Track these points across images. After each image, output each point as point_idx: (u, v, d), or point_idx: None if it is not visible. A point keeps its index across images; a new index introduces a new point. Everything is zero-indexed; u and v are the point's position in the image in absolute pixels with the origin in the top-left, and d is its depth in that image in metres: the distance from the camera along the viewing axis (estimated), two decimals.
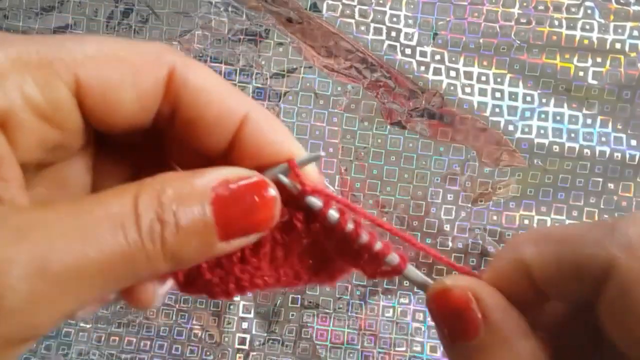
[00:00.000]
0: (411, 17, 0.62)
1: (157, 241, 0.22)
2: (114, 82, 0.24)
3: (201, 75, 0.26)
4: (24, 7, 0.62)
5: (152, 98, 0.25)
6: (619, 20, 0.61)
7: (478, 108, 0.61)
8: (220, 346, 0.60)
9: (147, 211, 0.22)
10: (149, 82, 0.25)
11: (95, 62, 0.24)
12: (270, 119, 0.27)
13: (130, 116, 0.25)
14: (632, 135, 0.60)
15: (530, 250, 0.24)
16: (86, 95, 0.24)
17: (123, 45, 0.25)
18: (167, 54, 0.26)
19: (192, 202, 0.23)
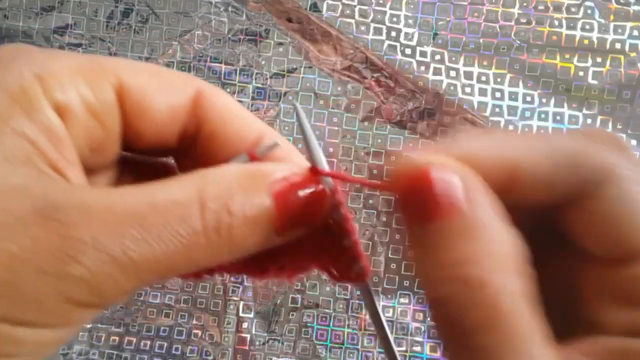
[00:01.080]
0: (411, 17, 0.62)
1: (222, 232, 0.23)
2: (151, 89, 0.26)
3: (224, 97, 0.29)
4: (24, 7, 0.62)
5: (181, 111, 0.27)
6: (619, 20, 0.61)
7: (478, 108, 0.61)
8: (220, 346, 0.60)
9: (214, 202, 0.22)
10: (180, 96, 0.27)
11: (135, 71, 0.26)
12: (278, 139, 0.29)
13: (161, 125, 0.27)
14: (632, 135, 0.60)
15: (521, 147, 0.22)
16: (126, 98, 0.26)
17: (157, 66, 0.28)
18: (195, 78, 0.28)
19: (257, 194, 0.23)
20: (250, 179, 0.24)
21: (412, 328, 0.60)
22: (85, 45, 0.62)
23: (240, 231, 0.23)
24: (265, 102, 0.62)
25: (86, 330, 0.61)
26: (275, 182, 0.24)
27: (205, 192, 0.23)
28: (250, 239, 0.24)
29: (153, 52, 0.62)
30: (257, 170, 0.25)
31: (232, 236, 0.23)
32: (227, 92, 0.30)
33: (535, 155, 0.22)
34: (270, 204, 0.24)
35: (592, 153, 0.22)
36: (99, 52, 0.62)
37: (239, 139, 0.28)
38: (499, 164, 0.22)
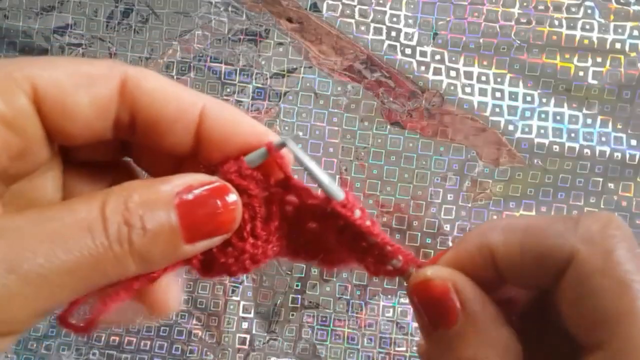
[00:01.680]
0: (411, 17, 0.62)
1: (124, 243, 0.23)
2: (68, 88, 0.25)
3: (154, 78, 0.27)
4: (24, 7, 0.62)
5: (107, 104, 0.26)
6: (619, 20, 0.61)
7: (478, 108, 0.61)
8: (220, 346, 0.60)
9: (114, 215, 0.23)
10: (103, 87, 0.26)
11: (50, 71, 0.25)
12: (228, 107, 0.28)
13: (87, 123, 0.26)
14: (632, 135, 0.60)
15: (496, 237, 0.26)
16: (43, 102, 0.25)
17: (76, 59, 0.27)
18: (120, 64, 0.27)
19: (157, 207, 0.24)
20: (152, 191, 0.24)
21: (412, 328, 0.60)
22: (85, 45, 0.62)
23: (141, 243, 0.23)
24: (265, 102, 0.62)
25: None
26: (179, 193, 0.24)
27: (106, 207, 0.23)
28: (155, 251, 0.24)
29: (153, 52, 0.62)
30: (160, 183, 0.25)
31: (134, 248, 0.23)
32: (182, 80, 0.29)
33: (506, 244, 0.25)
34: (173, 216, 0.24)
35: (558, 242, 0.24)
36: (99, 52, 0.62)
37: (179, 120, 0.27)
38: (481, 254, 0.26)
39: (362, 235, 0.27)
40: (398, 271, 0.28)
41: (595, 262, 0.23)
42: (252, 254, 0.27)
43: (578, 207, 0.61)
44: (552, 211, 0.61)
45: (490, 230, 0.26)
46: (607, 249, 0.23)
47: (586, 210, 0.61)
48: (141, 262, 0.24)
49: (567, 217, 0.26)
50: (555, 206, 0.61)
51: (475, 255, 0.26)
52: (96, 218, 0.23)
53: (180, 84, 0.28)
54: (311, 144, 0.61)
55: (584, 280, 0.23)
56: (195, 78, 0.62)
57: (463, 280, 0.26)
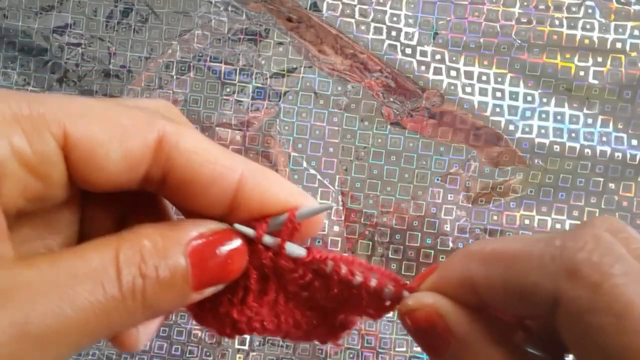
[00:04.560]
0: (411, 16, 0.61)
1: (138, 295, 0.23)
2: (101, 139, 0.24)
3: (193, 138, 0.26)
4: (23, 7, 0.62)
5: (139, 159, 0.25)
6: (619, 19, 0.60)
7: (479, 108, 0.61)
8: (220, 346, 0.60)
9: (128, 266, 0.22)
10: (136, 143, 0.25)
11: (84, 118, 0.24)
12: (268, 174, 0.27)
13: (115, 175, 0.25)
14: (633, 134, 0.60)
15: (478, 270, 0.25)
16: (72, 150, 0.24)
17: (113, 107, 0.25)
18: (159, 118, 0.26)
19: (171, 255, 0.24)
20: (165, 239, 0.24)
21: None
22: (85, 44, 0.62)
23: (154, 293, 0.23)
24: (265, 102, 0.62)
25: None
26: (191, 240, 0.24)
27: (119, 256, 0.23)
28: (164, 300, 0.24)
29: (153, 52, 0.62)
30: (172, 229, 0.24)
31: (146, 299, 0.23)
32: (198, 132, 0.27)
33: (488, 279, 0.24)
34: (185, 264, 0.24)
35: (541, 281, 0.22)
36: (98, 51, 0.62)
37: (216, 186, 0.26)
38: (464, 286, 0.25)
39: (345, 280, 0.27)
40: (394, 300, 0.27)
41: (584, 300, 0.21)
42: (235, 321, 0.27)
43: (578, 207, 0.60)
44: (552, 211, 0.60)
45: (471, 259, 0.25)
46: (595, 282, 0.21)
47: (587, 211, 0.61)
48: (149, 312, 0.24)
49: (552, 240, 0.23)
50: (556, 206, 0.61)
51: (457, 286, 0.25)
52: (109, 269, 0.22)
53: (220, 146, 0.27)
54: (311, 144, 0.61)
55: (576, 320, 0.21)
56: (195, 78, 0.62)
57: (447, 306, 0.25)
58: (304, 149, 0.61)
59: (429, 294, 0.26)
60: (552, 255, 0.22)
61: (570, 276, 0.21)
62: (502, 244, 0.25)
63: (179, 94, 0.62)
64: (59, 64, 0.62)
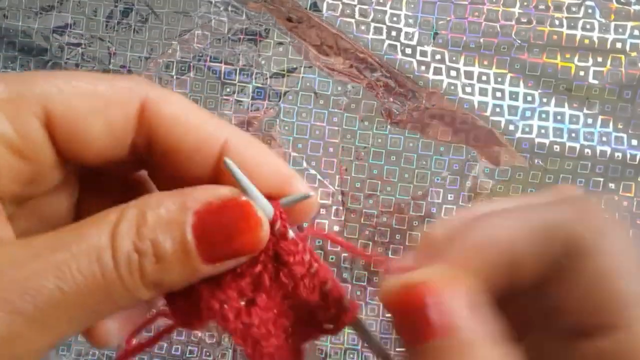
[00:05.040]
0: (411, 16, 0.61)
1: (135, 272, 0.22)
2: (83, 113, 0.24)
3: (176, 104, 0.25)
4: (23, 7, 0.62)
5: (123, 129, 0.25)
6: (619, 19, 0.60)
7: (479, 108, 0.61)
8: (220, 346, 0.60)
9: (124, 241, 0.21)
10: (119, 113, 0.24)
11: (64, 94, 0.23)
12: (253, 143, 0.26)
13: (101, 148, 0.25)
14: (633, 134, 0.60)
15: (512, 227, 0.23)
16: (56, 127, 0.23)
17: (94, 79, 0.25)
18: (140, 86, 0.25)
19: (172, 228, 0.22)
20: (170, 209, 0.22)
21: None
22: (85, 44, 0.62)
23: (153, 270, 0.22)
24: (265, 102, 0.62)
25: None
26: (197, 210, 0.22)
27: (116, 231, 0.22)
28: (168, 275, 0.22)
29: (153, 52, 0.62)
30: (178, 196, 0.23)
31: (145, 275, 0.22)
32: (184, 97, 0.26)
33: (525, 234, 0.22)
34: (189, 237, 0.22)
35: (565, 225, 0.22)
36: (98, 51, 0.62)
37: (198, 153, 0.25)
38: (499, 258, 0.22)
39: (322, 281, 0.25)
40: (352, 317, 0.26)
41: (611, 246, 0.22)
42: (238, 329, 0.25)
43: None
44: None
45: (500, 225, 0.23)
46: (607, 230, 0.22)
47: None
48: (155, 288, 0.22)
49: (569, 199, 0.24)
50: None
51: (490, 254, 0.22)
52: (105, 245, 0.21)
53: (205, 111, 0.26)
54: (311, 144, 0.61)
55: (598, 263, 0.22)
56: (195, 78, 0.62)
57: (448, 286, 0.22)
58: (304, 149, 0.61)
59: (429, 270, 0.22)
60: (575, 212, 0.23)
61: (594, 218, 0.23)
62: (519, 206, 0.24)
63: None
64: (59, 64, 0.62)
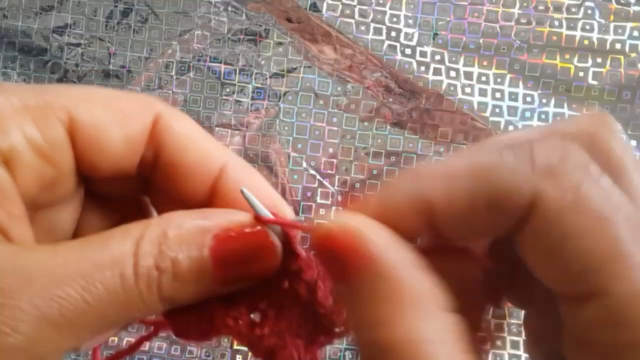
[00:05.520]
0: (411, 17, 0.62)
1: (153, 288, 0.23)
2: (104, 122, 0.25)
3: (185, 124, 0.27)
4: (23, 7, 0.62)
5: (138, 141, 0.26)
6: (619, 20, 0.61)
7: (478, 108, 0.61)
8: (220, 347, 0.60)
9: (146, 257, 0.23)
10: (136, 126, 0.26)
11: (87, 103, 0.25)
12: (250, 170, 0.28)
13: (118, 158, 0.26)
14: (632, 135, 0.60)
15: (436, 187, 0.21)
16: (78, 134, 0.25)
17: (113, 92, 0.27)
18: (155, 102, 0.27)
19: (192, 248, 0.23)
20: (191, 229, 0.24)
21: None
22: (85, 44, 0.62)
23: (170, 287, 0.23)
24: (265, 102, 0.62)
25: None
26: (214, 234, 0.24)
27: (139, 247, 0.23)
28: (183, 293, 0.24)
29: (152, 52, 0.62)
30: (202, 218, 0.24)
31: (162, 291, 0.23)
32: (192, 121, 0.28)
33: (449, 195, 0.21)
34: (206, 257, 0.23)
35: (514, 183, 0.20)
36: (98, 51, 0.62)
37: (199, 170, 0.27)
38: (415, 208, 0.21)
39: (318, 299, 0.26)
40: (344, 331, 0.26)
41: (565, 200, 0.19)
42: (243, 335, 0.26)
43: None
44: None
45: (426, 179, 0.22)
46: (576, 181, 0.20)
47: None
48: (169, 303, 0.24)
49: (516, 148, 0.21)
50: None
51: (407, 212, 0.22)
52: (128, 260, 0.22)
53: (210, 135, 0.28)
54: (311, 144, 0.61)
55: (554, 224, 0.19)
56: (195, 78, 0.62)
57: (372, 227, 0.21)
58: (304, 149, 0.61)
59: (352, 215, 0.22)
60: (523, 159, 0.20)
61: (548, 177, 0.20)
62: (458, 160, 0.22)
63: (179, 94, 0.62)
64: (58, 64, 0.62)
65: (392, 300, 0.20)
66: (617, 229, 0.19)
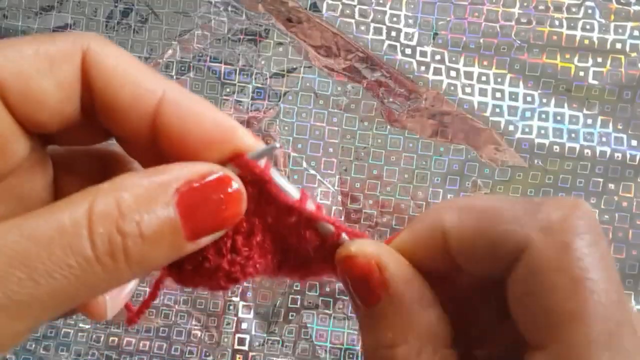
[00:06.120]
0: (411, 16, 0.62)
1: (118, 255, 0.21)
2: (32, 74, 0.23)
3: (115, 57, 0.24)
4: (23, 7, 0.62)
5: (72, 84, 0.24)
6: (619, 20, 0.61)
7: (478, 108, 0.61)
8: (220, 347, 0.60)
9: (102, 223, 0.21)
10: (65, 69, 0.24)
11: (11, 61, 0.23)
12: (191, 97, 0.25)
13: (56, 108, 0.24)
14: (632, 135, 0.60)
15: (450, 217, 0.24)
16: (8, 94, 0.23)
17: (37, 41, 0.24)
18: (82, 37, 0.24)
19: (156, 207, 0.22)
20: (149, 188, 0.22)
21: None
22: None
23: (139, 251, 0.21)
24: (265, 102, 0.62)
25: (84, 331, 0.60)
26: (179, 187, 0.22)
27: (93, 213, 0.21)
28: (154, 256, 0.22)
29: (152, 52, 0.62)
30: (156, 177, 0.22)
31: (130, 257, 0.21)
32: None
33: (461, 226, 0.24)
34: (173, 214, 0.22)
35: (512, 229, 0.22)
36: None
37: (133, 107, 0.24)
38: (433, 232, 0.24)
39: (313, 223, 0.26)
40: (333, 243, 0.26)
41: (549, 255, 0.21)
42: (228, 272, 0.25)
43: None
44: None
45: (446, 209, 0.25)
46: (565, 241, 0.21)
47: None
48: (139, 269, 0.22)
49: (530, 201, 0.23)
50: None
51: (428, 236, 0.25)
52: (81, 227, 0.20)
53: (144, 65, 0.25)
54: (311, 144, 0.61)
55: (535, 274, 0.21)
56: (195, 78, 0.62)
57: (390, 257, 0.25)
58: (304, 149, 0.61)
59: (373, 242, 0.25)
60: (531, 208, 0.22)
61: (542, 229, 0.21)
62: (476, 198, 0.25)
63: None
64: None
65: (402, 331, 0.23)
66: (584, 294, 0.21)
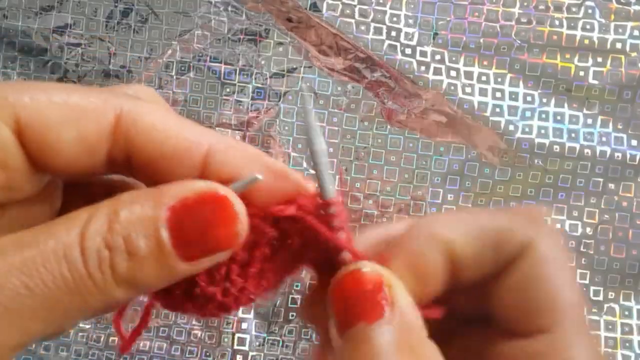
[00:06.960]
0: (411, 16, 0.61)
1: (106, 270, 0.21)
2: (54, 122, 0.23)
3: (152, 114, 0.25)
4: (23, 7, 0.62)
5: (96, 141, 0.24)
6: (619, 20, 0.60)
7: (478, 108, 0.61)
8: (220, 347, 0.60)
9: (94, 238, 0.21)
10: (91, 124, 0.24)
11: (36, 104, 0.23)
12: (237, 146, 0.25)
13: (72, 159, 0.24)
14: (632, 135, 0.60)
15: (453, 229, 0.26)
16: (27, 136, 0.23)
17: (68, 90, 0.24)
18: (115, 98, 0.24)
19: (145, 224, 0.22)
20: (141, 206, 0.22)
21: None
22: (85, 45, 0.62)
23: (127, 267, 0.21)
24: (265, 102, 0.62)
25: (84, 331, 0.60)
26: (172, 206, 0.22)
27: (87, 229, 0.21)
28: (143, 273, 0.22)
29: (152, 52, 0.62)
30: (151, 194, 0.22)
31: (118, 274, 0.21)
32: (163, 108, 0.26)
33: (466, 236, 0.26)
34: (163, 234, 0.22)
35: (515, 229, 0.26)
36: (98, 51, 0.62)
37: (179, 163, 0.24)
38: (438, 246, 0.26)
39: None
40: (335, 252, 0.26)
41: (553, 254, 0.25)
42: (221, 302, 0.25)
43: (578, 207, 0.60)
44: (552, 212, 0.60)
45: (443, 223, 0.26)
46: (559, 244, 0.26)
47: (587, 211, 0.60)
48: (129, 288, 0.22)
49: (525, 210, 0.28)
50: (556, 206, 0.60)
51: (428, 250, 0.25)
52: (74, 242, 0.21)
53: (184, 119, 0.25)
54: None
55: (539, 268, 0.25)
56: (195, 78, 0.62)
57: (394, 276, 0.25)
58: (304, 149, 0.61)
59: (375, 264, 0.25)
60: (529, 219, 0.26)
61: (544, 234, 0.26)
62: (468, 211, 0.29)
63: (179, 94, 0.62)
64: (58, 64, 0.62)
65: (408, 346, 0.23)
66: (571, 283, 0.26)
